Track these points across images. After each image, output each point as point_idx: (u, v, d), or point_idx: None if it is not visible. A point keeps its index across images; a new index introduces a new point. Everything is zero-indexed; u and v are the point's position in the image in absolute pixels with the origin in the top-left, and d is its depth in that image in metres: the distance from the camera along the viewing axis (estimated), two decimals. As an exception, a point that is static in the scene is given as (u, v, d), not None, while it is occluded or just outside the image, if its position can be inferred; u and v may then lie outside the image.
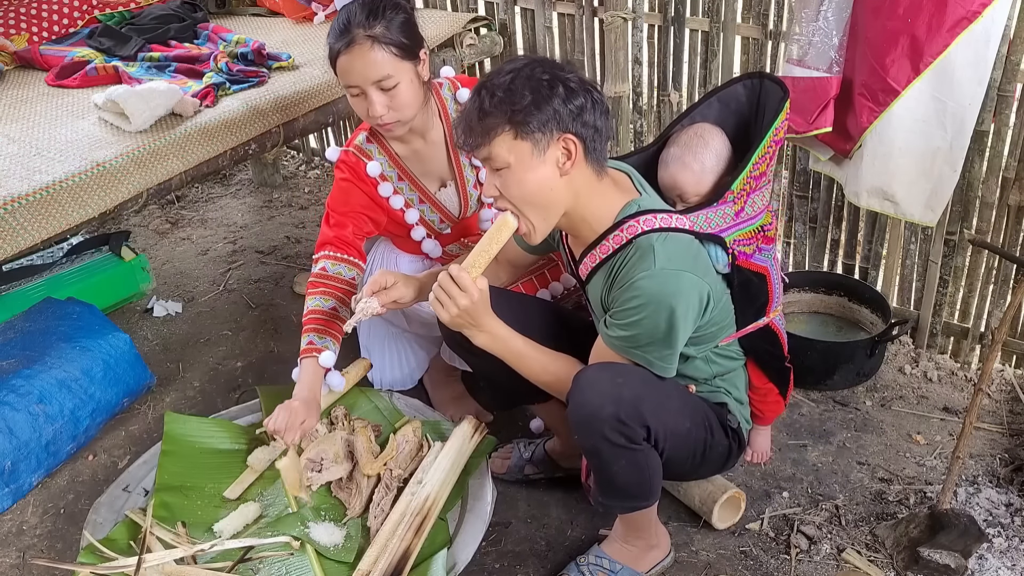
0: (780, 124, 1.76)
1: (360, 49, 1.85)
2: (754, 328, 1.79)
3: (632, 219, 1.57)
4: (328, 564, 1.79)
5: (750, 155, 1.72)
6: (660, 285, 1.52)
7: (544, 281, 2.15)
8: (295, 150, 4.11)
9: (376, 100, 1.88)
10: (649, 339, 1.56)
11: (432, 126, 2.06)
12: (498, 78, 1.50)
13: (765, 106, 1.85)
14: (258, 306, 2.96)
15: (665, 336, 1.56)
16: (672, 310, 1.52)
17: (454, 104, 2.10)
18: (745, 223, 1.73)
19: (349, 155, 2.07)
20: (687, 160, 1.78)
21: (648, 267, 1.52)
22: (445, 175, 2.13)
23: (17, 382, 2.17)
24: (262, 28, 3.07)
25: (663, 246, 1.54)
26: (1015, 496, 1.97)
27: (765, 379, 1.89)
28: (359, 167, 2.06)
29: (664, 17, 2.63)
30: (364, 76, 1.87)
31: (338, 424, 2.10)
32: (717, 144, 1.80)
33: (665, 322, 1.54)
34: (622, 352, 1.60)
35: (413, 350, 2.38)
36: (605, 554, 1.81)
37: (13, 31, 2.88)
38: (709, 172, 1.78)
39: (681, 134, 1.84)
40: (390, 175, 2.08)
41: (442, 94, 2.10)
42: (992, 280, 2.37)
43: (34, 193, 1.92)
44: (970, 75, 1.96)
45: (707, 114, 1.89)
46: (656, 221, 1.57)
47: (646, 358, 1.59)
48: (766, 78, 1.87)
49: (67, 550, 2.01)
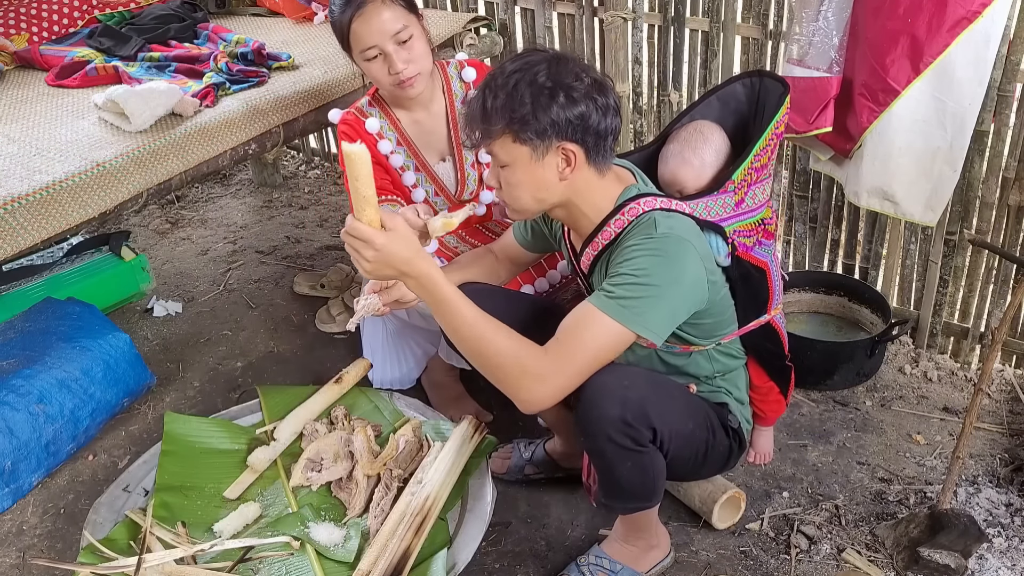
0: (781, 117, 1.77)
1: (373, 7, 1.91)
2: (756, 326, 1.79)
3: (632, 202, 1.56)
4: (328, 564, 1.79)
5: (752, 146, 1.73)
6: (662, 243, 1.49)
7: (541, 270, 2.16)
8: (295, 150, 4.11)
9: (396, 55, 1.94)
10: (631, 275, 1.47)
11: (435, 98, 2.13)
12: (502, 77, 1.48)
13: (765, 104, 1.86)
14: (258, 306, 2.96)
15: (656, 284, 1.47)
16: (670, 262, 1.48)
17: (459, 82, 2.16)
18: (745, 215, 1.74)
19: (350, 114, 2.12)
20: (687, 156, 1.79)
21: (650, 233, 1.50)
22: (444, 150, 2.18)
23: (17, 382, 2.17)
24: (262, 28, 3.07)
25: (665, 219, 1.53)
26: (1015, 496, 1.97)
27: (766, 378, 1.89)
28: (359, 125, 2.09)
29: (664, 17, 2.63)
30: (382, 32, 1.92)
31: (338, 424, 2.10)
32: (716, 140, 1.81)
33: (660, 268, 1.47)
34: (603, 307, 1.46)
35: (412, 349, 2.38)
36: (605, 554, 1.81)
37: (13, 31, 2.87)
38: (709, 167, 1.79)
39: (681, 131, 1.85)
40: (390, 137, 2.12)
41: (448, 71, 2.16)
42: (992, 280, 2.37)
43: (34, 193, 1.92)
44: (970, 75, 1.96)
45: (706, 113, 1.90)
46: (656, 203, 1.57)
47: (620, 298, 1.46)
48: (765, 76, 1.87)
49: (67, 550, 2.01)
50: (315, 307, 2.88)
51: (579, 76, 1.48)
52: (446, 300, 1.47)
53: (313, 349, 2.70)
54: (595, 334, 1.47)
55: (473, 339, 1.48)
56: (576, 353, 1.48)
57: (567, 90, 1.46)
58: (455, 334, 1.50)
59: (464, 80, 2.16)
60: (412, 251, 1.44)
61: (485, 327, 1.48)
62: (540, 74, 1.46)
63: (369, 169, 1.38)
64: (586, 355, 1.48)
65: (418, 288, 1.47)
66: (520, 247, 1.90)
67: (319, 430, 2.07)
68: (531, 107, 1.45)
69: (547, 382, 1.47)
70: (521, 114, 1.45)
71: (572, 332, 1.49)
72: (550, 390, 1.48)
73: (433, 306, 1.48)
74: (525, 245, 1.89)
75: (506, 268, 1.97)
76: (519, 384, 1.48)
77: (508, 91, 1.46)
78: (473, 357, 1.52)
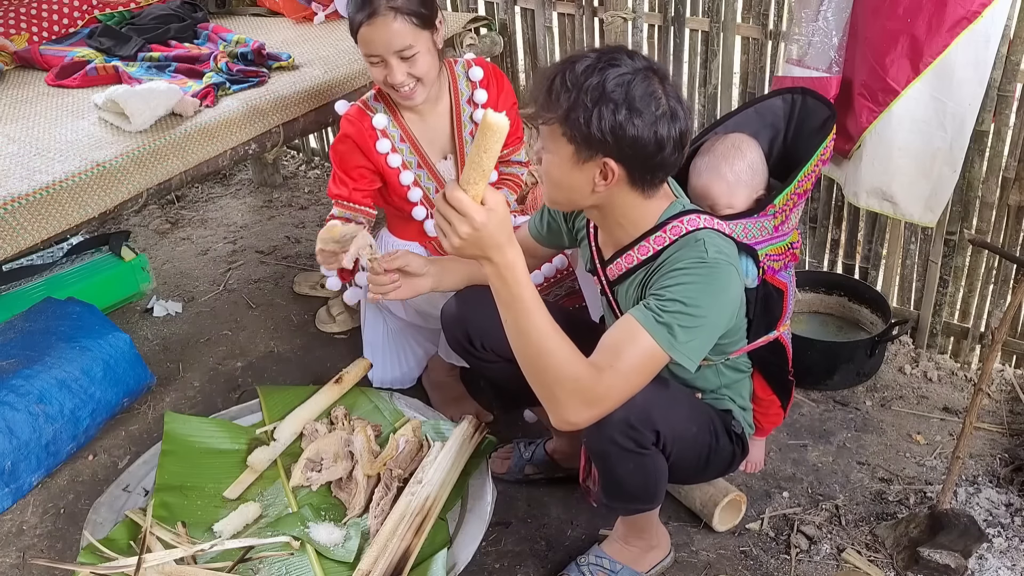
0: (829, 143, 1.75)
1: (383, 20, 1.90)
2: (764, 342, 1.78)
3: (676, 219, 1.52)
4: (328, 564, 1.79)
5: (797, 171, 1.71)
6: (713, 269, 1.45)
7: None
8: (295, 150, 4.11)
9: (397, 68, 1.95)
10: (682, 303, 1.41)
11: (441, 97, 2.13)
12: (582, 66, 1.39)
13: (803, 122, 1.83)
14: (258, 306, 2.96)
15: (704, 316, 1.42)
16: (720, 291, 1.44)
17: (465, 81, 2.16)
18: (778, 239, 1.73)
19: (356, 108, 2.11)
20: (723, 171, 1.77)
21: (701, 254, 1.46)
22: (447, 148, 2.18)
23: (17, 382, 2.16)
24: (262, 28, 3.07)
25: (712, 239, 1.49)
26: (1015, 496, 1.97)
27: (769, 391, 1.88)
28: (364, 119, 2.09)
29: (664, 17, 2.63)
30: (386, 46, 1.92)
31: (338, 424, 2.10)
32: (752, 156, 1.79)
33: (710, 298, 1.43)
34: (645, 323, 1.41)
35: (413, 349, 2.38)
36: (605, 554, 1.81)
37: (13, 31, 2.88)
38: (743, 184, 1.77)
39: (716, 143, 1.82)
40: (393, 134, 2.11)
41: (455, 69, 2.16)
42: (992, 280, 2.37)
43: (34, 193, 1.92)
44: (970, 75, 1.96)
45: (742, 123, 1.88)
46: (700, 221, 1.52)
47: (668, 325, 1.40)
48: (809, 95, 1.85)
49: (67, 550, 2.01)
50: (315, 307, 2.88)
51: (655, 99, 1.39)
52: (521, 299, 1.36)
53: (313, 349, 2.70)
54: (644, 362, 1.42)
55: (536, 346, 1.38)
56: (627, 378, 1.41)
57: (632, 111, 1.37)
58: (519, 337, 1.39)
59: (471, 79, 2.16)
60: (506, 236, 1.34)
61: (553, 338, 1.37)
62: (615, 83, 1.37)
63: (500, 147, 1.30)
64: (634, 382, 1.43)
65: (497, 279, 1.36)
66: (535, 241, 1.86)
67: (319, 430, 2.07)
68: (589, 113, 1.37)
69: (596, 407, 1.41)
70: (577, 116, 1.38)
71: (624, 356, 1.41)
72: (596, 414, 1.42)
73: (507, 301, 1.37)
74: (539, 239, 1.85)
75: None
76: (567, 403, 1.40)
77: (577, 86, 1.38)
78: (528, 364, 1.41)
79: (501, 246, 1.33)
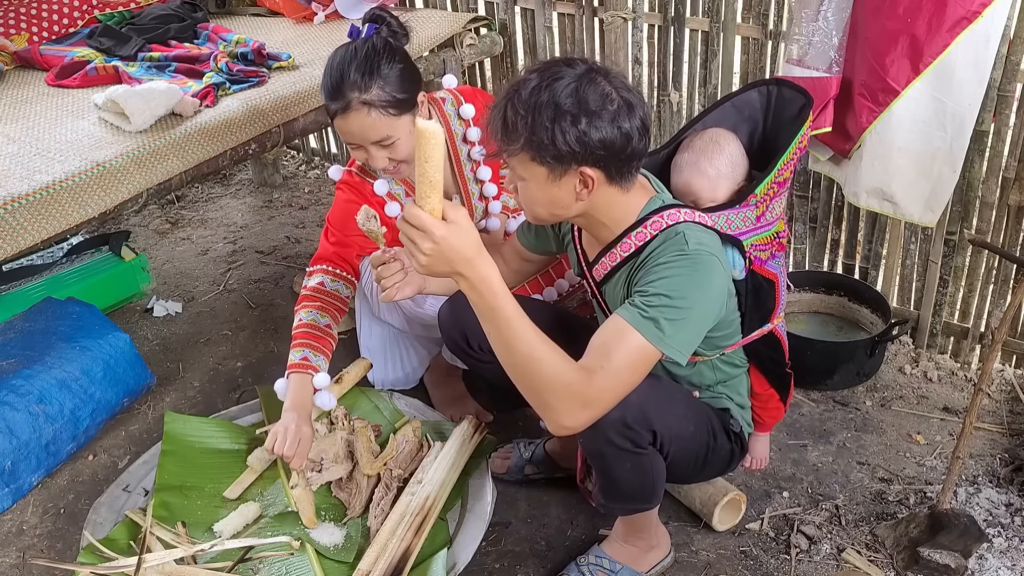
0: (806, 130, 1.75)
1: (356, 115, 1.81)
2: (759, 335, 1.78)
3: (656, 214, 1.53)
4: (328, 564, 1.79)
5: (776, 160, 1.71)
6: (694, 260, 1.45)
7: (549, 279, 2.14)
8: (295, 150, 4.11)
9: (377, 156, 1.88)
10: (666, 296, 1.42)
11: None
12: (526, 91, 1.40)
13: (781, 113, 1.84)
14: (258, 306, 2.96)
15: (690, 307, 1.43)
16: (703, 281, 1.45)
17: (457, 120, 2.08)
18: (763, 228, 1.73)
19: (352, 176, 2.06)
20: (703, 166, 1.77)
21: (681, 248, 1.47)
22: (450, 188, 2.12)
23: (17, 382, 2.17)
24: (262, 28, 3.07)
25: (692, 232, 1.50)
26: (1015, 496, 1.97)
27: (767, 385, 1.88)
28: (364, 188, 2.04)
29: (664, 17, 2.63)
30: (363, 137, 1.85)
31: (338, 424, 2.10)
32: (732, 150, 1.79)
33: (694, 288, 1.44)
34: (632, 320, 1.41)
35: (415, 350, 2.38)
36: (605, 554, 1.81)
37: (13, 31, 2.88)
38: (724, 178, 1.77)
39: (695, 139, 1.82)
40: (397, 192, 2.08)
41: (445, 110, 2.08)
42: (992, 280, 2.37)
43: (34, 193, 1.92)
44: (970, 75, 1.96)
45: (720, 119, 1.87)
46: (680, 215, 1.53)
47: (655, 319, 1.40)
48: (783, 85, 1.85)
49: (67, 550, 2.01)
50: (315, 307, 2.88)
51: (608, 97, 1.40)
52: (500, 310, 1.35)
53: (313, 349, 2.69)
54: (635, 360, 1.42)
55: (523, 355, 1.37)
56: (620, 377, 1.41)
57: (591, 116, 1.38)
58: (503, 348, 1.39)
59: (463, 117, 2.07)
60: (474, 249, 1.32)
61: (538, 346, 1.37)
62: (565, 95, 1.38)
63: (442, 152, 1.27)
64: (627, 381, 1.43)
65: (472, 292, 1.35)
66: (526, 251, 1.87)
67: (319, 430, 2.07)
68: (551, 131, 1.38)
69: (590, 409, 1.41)
70: (540, 138, 1.38)
71: (614, 356, 1.40)
72: (592, 415, 1.42)
73: (485, 314, 1.36)
74: (528, 246, 1.87)
75: (513, 274, 1.93)
76: (561, 408, 1.39)
77: (531, 108, 1.39)
78: (517, 372, 1.40)
79: (470, 260, 1.32)
